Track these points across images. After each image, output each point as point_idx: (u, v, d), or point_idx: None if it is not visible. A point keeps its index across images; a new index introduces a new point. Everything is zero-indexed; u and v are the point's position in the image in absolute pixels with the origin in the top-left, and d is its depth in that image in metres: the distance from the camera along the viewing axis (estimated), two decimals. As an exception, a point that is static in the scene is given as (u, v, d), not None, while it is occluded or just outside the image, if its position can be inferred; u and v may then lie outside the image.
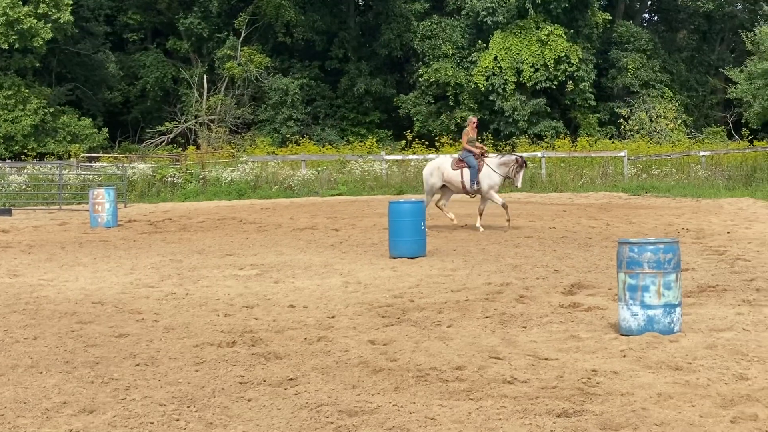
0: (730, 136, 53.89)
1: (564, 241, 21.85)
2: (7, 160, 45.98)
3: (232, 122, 55.82)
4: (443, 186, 24.94)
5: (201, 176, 41.74)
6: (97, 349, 11.22)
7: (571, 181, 41.09)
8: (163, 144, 54.87)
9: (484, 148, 25.76)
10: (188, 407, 8.70)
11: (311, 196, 39.58)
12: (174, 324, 12.65)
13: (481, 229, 23.82)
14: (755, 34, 41.52)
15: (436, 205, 25.40)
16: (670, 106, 53.42)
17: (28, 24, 47.79)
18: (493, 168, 24.42)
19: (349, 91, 56.92)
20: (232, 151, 48.91)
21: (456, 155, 25.71)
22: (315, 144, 51.48)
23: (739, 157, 43.09)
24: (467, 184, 24.41)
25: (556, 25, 51.46)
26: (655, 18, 65.80)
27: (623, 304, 11.31)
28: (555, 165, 43.20)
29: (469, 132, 25.00)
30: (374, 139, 51.95)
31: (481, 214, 24.45)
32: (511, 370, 9.77)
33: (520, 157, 25.11)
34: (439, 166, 25.09)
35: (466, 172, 24.43)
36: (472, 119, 25.83)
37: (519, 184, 25.06)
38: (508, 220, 24.33)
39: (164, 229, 26.98)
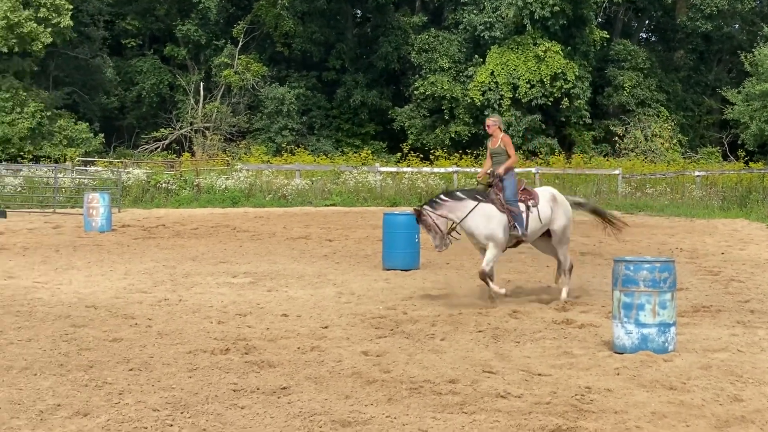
0: (725, 157, 53.90)
1: (558, 257, 21.84)
2: (3, 162, 45.93)
3: (227, 130, 55.80)
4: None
5: (195, 183, 41.67)
6: (90, 352, 11.19)
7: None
8: (158, 150, 54.86)
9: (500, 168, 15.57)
10: (181, 413, 8.68)
11: (305, 206, 39.54)
12: (167, 330, 12.63)
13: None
14: (754, 56, 41.56)
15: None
16: (666, 125, 53.42)
17: (29, 28, 47.84)
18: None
19: (345, 102, 56.90)
20: (226, 158, 48.89)
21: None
22: (310, 154, 51.44)
23: (734, 178, 43.12)
24: None
25: (553, 41, 51.46)
26: (653, 37, 65.87)
27: (617, 322, 11.29)
28: (549, 181, 43.15)
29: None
30: (369, 151, 51.92)
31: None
32: (505, 384, 9.75)
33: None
34: None
35: None
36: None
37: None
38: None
39: (158, 235, 26.93)
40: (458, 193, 15.56)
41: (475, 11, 54.81)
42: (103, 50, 59.63)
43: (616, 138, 53.03)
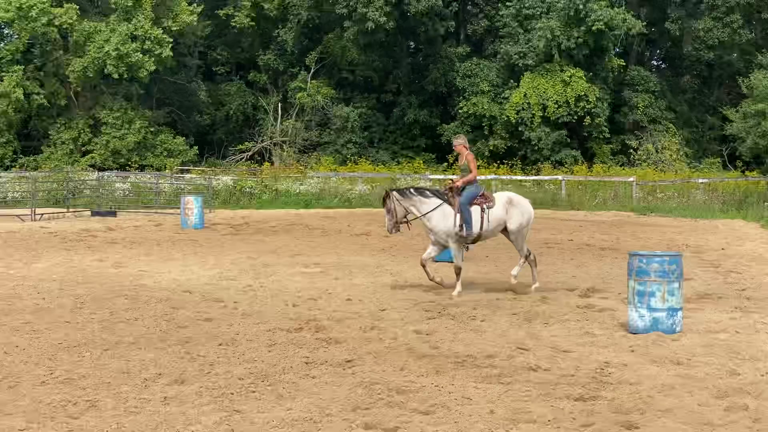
0: (724, 167, 53.29)
1: (580, 251, 21.71)
2: (114, 171, 46.42)
3: (301, 143, 55.97)
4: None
5: (274, 188, 41.84)
6: (186, 330, 11.29)
7: (586, 201, 40.77)
8: (243, 160, 55.10)
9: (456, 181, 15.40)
10: (262, 381, 8.74)
11: (366, 208, 39.57)
12: (250, 311, 12.71)
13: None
14: (750, 80, 41.08)
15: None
16: (674, 139, 52.90)
17: (136, 58, 48.36)
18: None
19: (400, 119, 56.86)
20: (300, 167, 49.01)
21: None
22: (370, 164, 51.41)
23: (733, 184, 42.62)
24: None
25: (577, 68, 51.10)
26: (663, 65, 65.16)
27: (632, 307, 11.23)
28: (573, 187, 42.92)
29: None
30: (420, 161, 51.88)
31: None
32: (536, 359, 9.73)
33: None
34: None
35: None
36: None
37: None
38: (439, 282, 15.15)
39: (243, 232, 27.07)
40: (426, 191, 15.37)
41: (510, 43, 54.53)
42: (197, 76, 60.10)
43: (631, 150, 52.59)
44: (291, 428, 7.42)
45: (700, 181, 42.44)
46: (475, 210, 14.92)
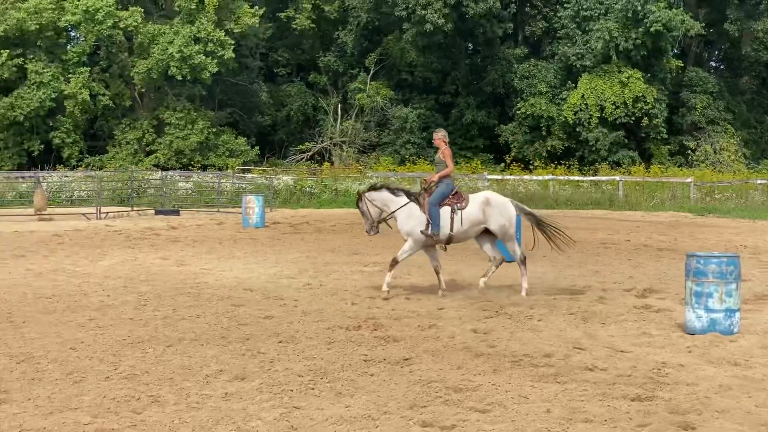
0: (783, 168, 52.61)
1: (638, 252, 21.48)
2: (177, 170, 46.87)
3: (360, 144, 56.12)
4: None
5: (334, 188, 41.99)
6: (247, 327, 11.36)
7: (644, 201, 40.38)
8: (303, 160, 55.36)
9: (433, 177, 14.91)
10: (321, 378, 8.76)
11: (424, 207, 39.45)
12: (310, 309, 12.75)
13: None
14: (809, 81, 40.38)
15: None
16: (732, 140, 52.26)
17: (198, 60, 48.81)
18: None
19: (459, 120, 56.76)
20: (360, 167, 49.14)
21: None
22: (429, 164, 51.38)
23: (792, 185, 41.99)
24: None
25: (635, 69, 50.68)
26: (722, 66, 64.38)
27: (689, 308, 11.10)
28: (631, 188, 42.53)
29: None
30: (478, 162, 51.76)
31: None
32: (592, 359, 9.65)
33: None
34: None
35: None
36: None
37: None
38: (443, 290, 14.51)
39: (303, 231, 27.17)
40: (397, 189, 14.98)
41: (568, 44, 54.25)
42: (258, 77, 60.52)
43: (689, 151, 52.06)
44: (349, 425, 7.44)
45: (759, 182, 41.82)
46: (444, 210, 14.44)
